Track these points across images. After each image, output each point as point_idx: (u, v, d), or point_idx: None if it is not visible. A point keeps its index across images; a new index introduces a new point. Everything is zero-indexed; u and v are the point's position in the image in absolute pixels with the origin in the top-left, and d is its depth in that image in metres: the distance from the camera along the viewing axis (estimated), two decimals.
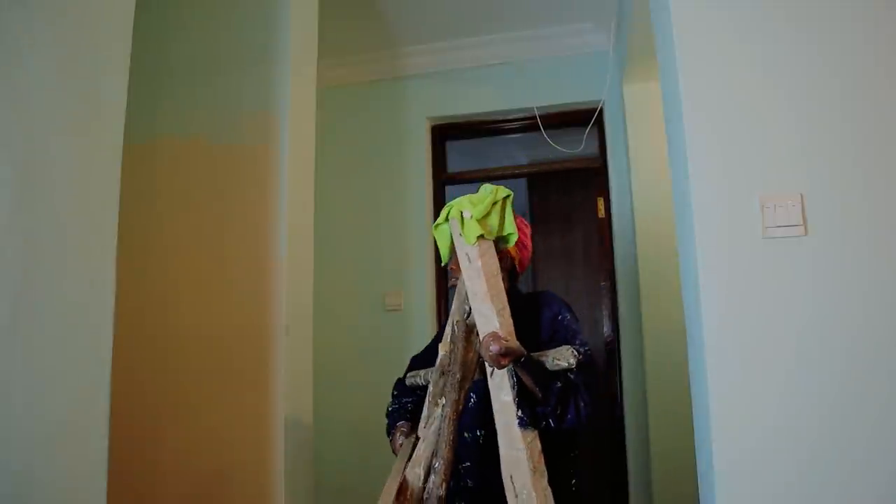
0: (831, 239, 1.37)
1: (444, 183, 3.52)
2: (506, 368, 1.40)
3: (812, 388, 1.33)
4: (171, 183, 2.00)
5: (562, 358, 1.44)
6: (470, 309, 1.57)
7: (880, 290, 1.33)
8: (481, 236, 1.54)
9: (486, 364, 1.44)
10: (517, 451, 1.36)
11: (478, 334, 1.50)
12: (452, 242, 1.63)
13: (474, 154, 3.98)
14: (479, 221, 1.55)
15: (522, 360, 1.40)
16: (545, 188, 3.93)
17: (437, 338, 1.79)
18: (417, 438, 1.54)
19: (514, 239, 1.66)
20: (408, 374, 1.81)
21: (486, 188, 1.62)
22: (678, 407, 2.58)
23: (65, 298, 1.09)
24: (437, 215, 3.32)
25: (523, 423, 1.37)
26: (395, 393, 1.83)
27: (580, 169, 3.46)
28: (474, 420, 1.60)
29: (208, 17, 2.10)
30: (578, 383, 1.45)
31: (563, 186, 3.82)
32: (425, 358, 1.80)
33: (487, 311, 1.46)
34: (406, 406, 1.74)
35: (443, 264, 1.75)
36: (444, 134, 3.53)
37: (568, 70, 3.27)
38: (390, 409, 1.77)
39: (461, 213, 1.57)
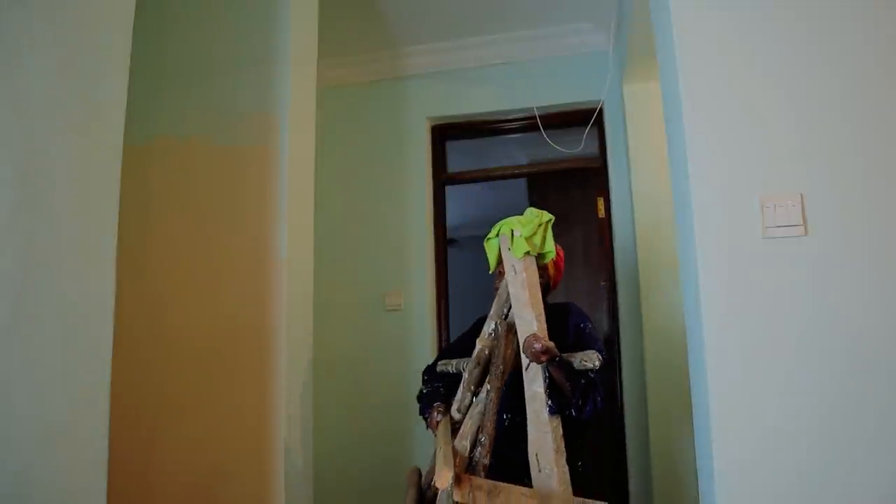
0: (831, 239, 1.37)
1: (444, 183, 3.52)
2: (542, 365, 1.69)
3: (812, 388, 1.33)
4: (171, 184, 2.00)
5: (588, 360, 1.73)
6: (509, 311, 1.86)
7: (880, 290, 1.33)
8: (527, 252, 1.85)
9: (524, 359, 1.74)
10: (544, 434, 1.65)
11: (516, 334, 1.79)
12: (500, 254, 1.95)
13: (474, 154, 3.98)
14: (526, 240, 1.86)
15: (557, 359, 1.69)
16: (545, 188, 3.93)
17: (468, 334, 2.07)
18: (451, 418, 1.80)
19: (550, 256, 1.96)
20: (438, 363, 2.04)
21: (533, 212, 1.94)
22: (678, 407, 2.59)
23: (65, 298, 1.09)
24: (437, 215, 3.35)
25: (552, 411, 1.66)
26: (426, 378, 2.06)
27: (580, 169, 3.46)
28: (504, 406, 1.85)
29: (208, 17, 2.10)
30: (597, 381, 1.75)
31: (562, 186, 3.82)
32: (456, 349, 2.06)
33: (528, 316, 1.76)
34: (439, 389, 1.96)
35: (490, 272, 2.05)
36: (444, 134, 3.53)
37: (568, 70, 3.27)
38: (425, 391, 2.00)
39: (511, 231, 1.89)
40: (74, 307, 1.10)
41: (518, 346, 1.78)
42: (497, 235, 1.97)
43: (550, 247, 1.93)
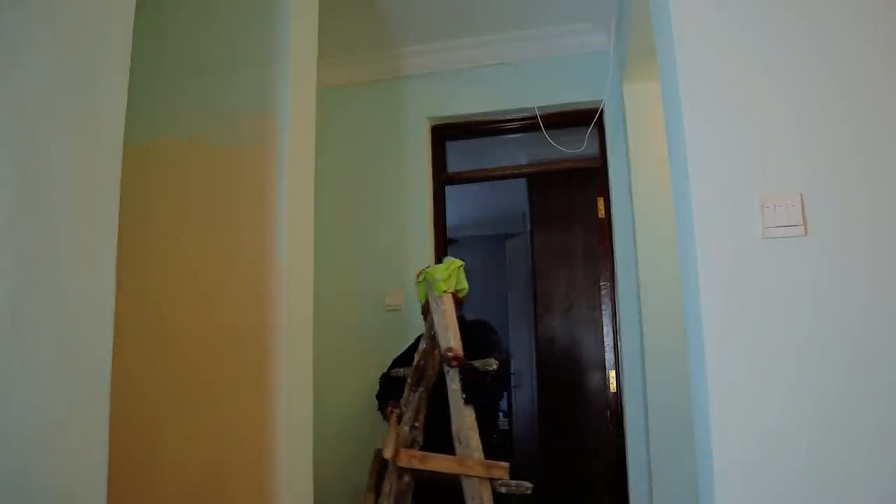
0: (831, 239, 1.37)
1: (444, 183, 3.52)
2: (455, 368, 2.45)
3: (812, 388, 1.33)
4: (171, 184, 1.99)
5: (489, 365, 2.52)
6: (435, 334, 2.61)
7: (880, 290, 1.33)
8: (445, 291, 2.59)
9: (445, 365, 2.51)
10: (462, 418, 2.42)
11: (439, 348, 2.55)
12: (426, 293, 2.68)
13: (474, 154, 3.98)
14: (444, 281, 2.59)
15: (465, 365, 2.47)
16: (545, 188, 3.93)
17: (410, 349, 2.83)
18: (401, 412, 2.56)
19: (464, 291, 2.69)
20: (391, 370, 2.85)
21: (448, 260, 2.67)
22: (678, 407, 2.59)
23: (65, 299, 1.09)
24: (437, 215, 3.36)
25: (465, 401, 2.42)
26: (383, 381, 2.85)
27: (580, 169, 3.46)
28: (435, 400, 2.59)
29: (207, 17, 2.10)
30: (495, 379, 2.53)
31: (562, 186, 3.82)
32: (402, 360, 2.84)
33: (447, 335, 2.53)
34: (391, 391, 2.73)
35: (420, 303, 2.75)
36: (444, 134, 3.53)
37: (568, 70, 3.27)
38: (381, 392, 2.80)
39: (434, 275, 2.61)
40: (74, 307, 1.10)
41: (441, 356, 2.54)
42: (423, 280, 2.68)
43: (463, 284, 2.66)
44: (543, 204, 3.93)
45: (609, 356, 3.37)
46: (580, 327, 3.66)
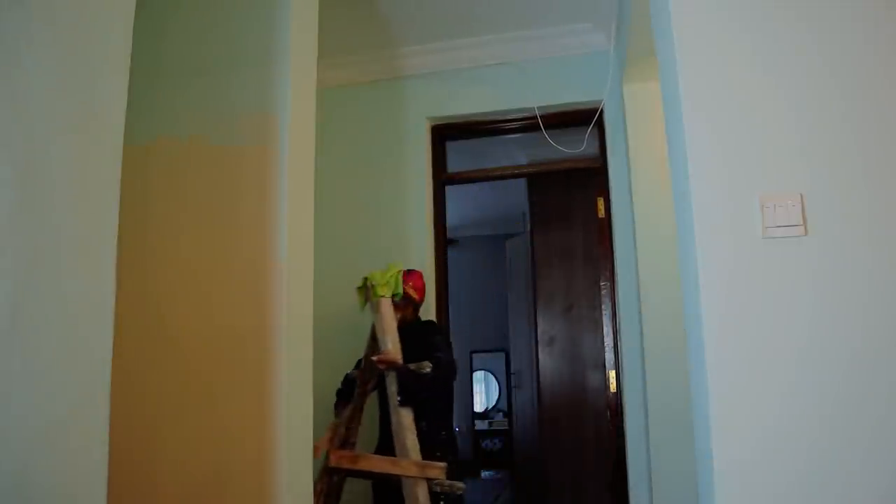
0: (831, 239, 1.37)
1: (444, 183, 3.52)
2: (393, 372, 2.58)
3: (812, 388, 1.33)
4: (171, 184, 1.99)
5: (424, 367, 2.58)
6: (376, 338, 2.73)
7: (880, 290, 1.33)
8: (382, 296, 2.70)
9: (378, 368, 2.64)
10: (401, 419, 2.54)
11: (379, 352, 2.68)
12: (367, 298, 2.79)
13: (474, 154, 3.98)
14: (382, 286, 2.71)
15: (399, 368, 2.57)
16: (545, 188, 3.94)
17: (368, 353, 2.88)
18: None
19: (400, 296, 2.77)
20: (350, 372, 2.95)
21: (389, 266, 2.79)
22: (678, 407, 2.59)
23: (65, 299, 1.09)
24: (437, 215, 3.36)
25: (401, 403, 2.54)
26: (344, 381, 2.95)
27: (580, 169, 3.46)
28: (381, 401, 2.79)
29: (207, 17, 2.10)
30: (428, 380, 2.58)
31: (563, 186, 3.82)
32: (359, 362, 2.93)
33: (384, 339, 2.64)
34: (346, 390, 2.87)
35: (361, 310, 2.86)
36: (444, 134, 3.53)
37: (568, 70, 3.27)
38: (340, 389, 2.92)
39: (373, 280, 2.74)
40: (74, 307, 1.10)
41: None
42: (365, 285, 2.81)
43: (399, 289, 2.76)
44: (543, 204, 3.94)
45: (609, 356, 3.37)
46: (580, 327, 3.66)
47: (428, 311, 3.28)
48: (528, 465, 4.35)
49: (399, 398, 2.53)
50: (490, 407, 7.58)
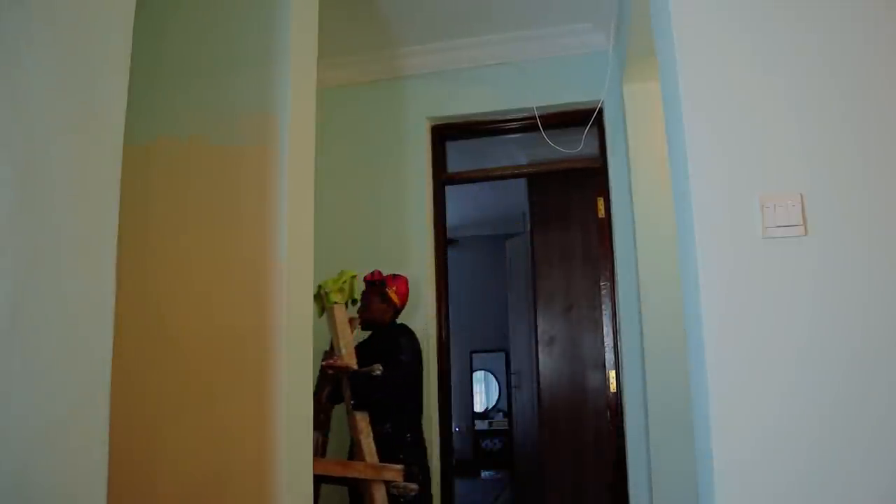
0: (831, 239, 1.37)
1: (444, 183, 3.52)
2: (347, 376, 2.64)
3: (812, 388, 1.33)
4: (171, 184, 1.99)
5: (375, 370, 2.62)
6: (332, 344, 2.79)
7: (880, 290, 1.33)
8: (336, 302, 2.72)
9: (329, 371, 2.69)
10: (356, 422, 2.60)
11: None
12: (323, 305, 2.75)
13: (474, 154, 3.99)
14: (335, 293, 2.72)
15: (350, 372, 2.63)
16: (545, 188, 3.93)
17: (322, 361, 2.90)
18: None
19: (356, 301, 2.84)
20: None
21: (342, 273, 2.78)
22: (678, 407, 2.59)
23: (65, 299, 1.09)
24: (437, 215, 3.37)
25: (356, 407, 2.60)
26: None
27: (580, 169, 3.46)
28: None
29: (207, 16, 2.10)
30: (378, 382, 2.62)
31: (562, 186, 3.82)
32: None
33: (338, 344, 2.70)
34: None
35: (319, 317, 2.70)
36: (444, 134, 3.53)
37: (567, 70, 3.27)
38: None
39: (326, 288, 2.73)
40: (74, 307, 1.10)
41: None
42: (318, 294, 2.77)
43: (356, 294, 2.82)
44: (543, 204, 3.94)
45: (609, 356, 3.37)
46: (580, 327, 3.66)
47: (428, 311, 3.29)
48: (528, 465, 4.35)
49: (352, 402, 2.58)
50: (490, 407, 7.59)
